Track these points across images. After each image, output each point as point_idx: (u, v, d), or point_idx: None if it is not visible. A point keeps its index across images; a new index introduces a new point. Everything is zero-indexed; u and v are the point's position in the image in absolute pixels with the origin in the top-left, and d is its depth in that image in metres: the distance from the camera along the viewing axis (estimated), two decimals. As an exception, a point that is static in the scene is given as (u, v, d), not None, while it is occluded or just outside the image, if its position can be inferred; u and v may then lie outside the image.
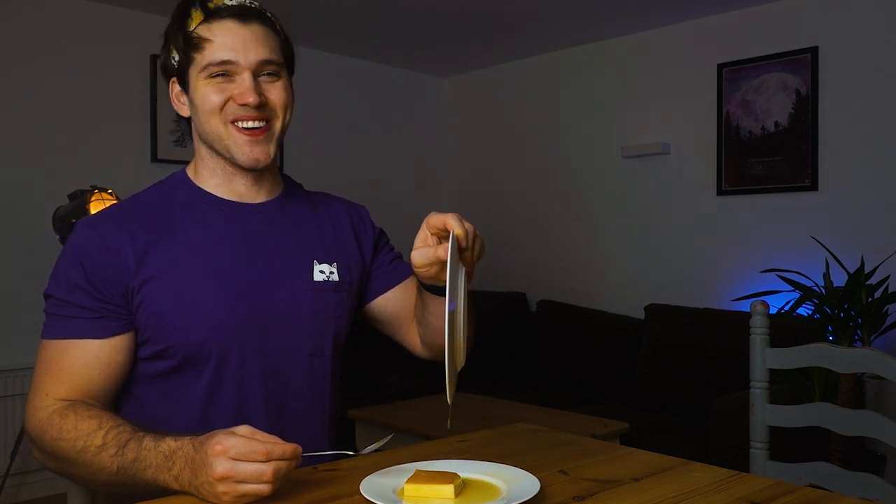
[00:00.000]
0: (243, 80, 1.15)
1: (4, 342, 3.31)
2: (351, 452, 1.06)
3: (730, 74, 3.71)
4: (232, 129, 1.16)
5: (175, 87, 1.21)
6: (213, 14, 1.15)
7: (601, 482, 1.01)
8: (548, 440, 1.26)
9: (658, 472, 1.07)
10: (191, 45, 1.15)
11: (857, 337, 2.81)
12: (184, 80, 1.18)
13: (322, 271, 1.24)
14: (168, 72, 1.20)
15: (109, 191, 2.87)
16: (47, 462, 1.10)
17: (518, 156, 4.67)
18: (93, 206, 2.77)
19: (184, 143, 3.80)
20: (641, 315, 3.83)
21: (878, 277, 2.81)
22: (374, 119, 4.72)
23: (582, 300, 4.21)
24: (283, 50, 1.20)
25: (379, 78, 4.75)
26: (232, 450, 0.89)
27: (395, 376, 3.85)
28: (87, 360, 1.11)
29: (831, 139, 3.40)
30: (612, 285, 4.18)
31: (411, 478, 0.94)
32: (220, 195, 1.23)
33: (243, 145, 1.17)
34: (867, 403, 2.79)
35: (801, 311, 2.85)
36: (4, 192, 3.33)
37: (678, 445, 2.81)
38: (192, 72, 1.16)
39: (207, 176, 1.23)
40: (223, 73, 1.15)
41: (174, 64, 1.18)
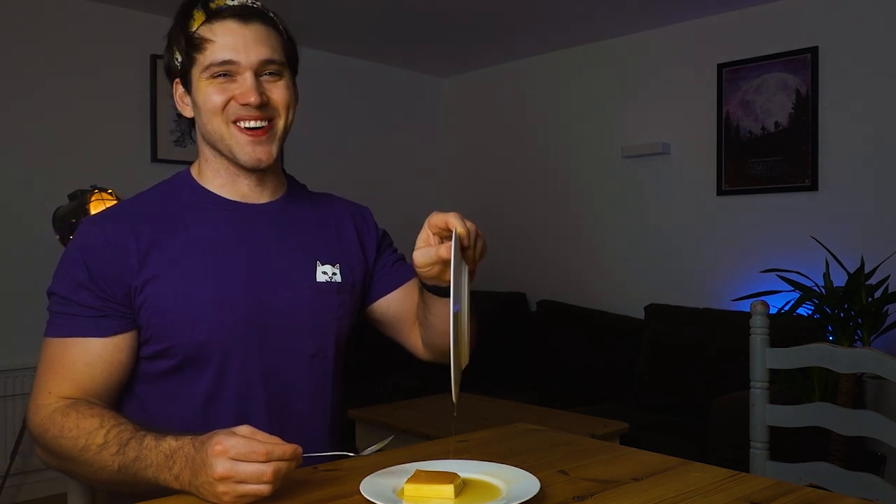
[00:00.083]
0: (245, 80, 1.15)
1: (4, 342, 3.31)
2: (351, 453, 1.06)
3: (730, 74, 3.71)
4: (234, 129, 1.17)
5: (179, 88, 1.21)
6: (215, 14, 1.15)
7: (601, 482, 1.01)
8: (548, 440, 1.26)
9: (658, 472, 1.07)
10: (193, 46, 1.15)
11: (857, 337, 2.81)
12: (187, 81, 1.19)
13: (325, 272, 1.24)
14: (171, 73, 1.21)
15: (109, 191, 2.87)
16: (49, 460, 1.10)
17: (518, 156, 4.67)
18: (93, 206, 2.77)
19: (184, 143, 3.80)
20: (641, 315, 3.83)
21: (878, 277, 2.81)
22: (374, 119, 4.71)
23: (582, 300, 4.21)
24: (285, 49, 1.20)
25: (379, 78, 4.75)
26: (232, 450, 0.89)
27: (395, 376, 3.85)
28: (89, 358, 1.11)
29: (831, 139, 3.40)
30: (612, 285, 4.17)
31: (411, 478, 0.94)
32: (223, 195, 1.23)
33: (245, 145, 1.17)
34: (867, 403, 2.79)
35: (801, 311, 2.85)
36: (4, 192, 3.33)
37: (678, 445, 2.81)
38: (195, 72, 1.16)
39: (211, 176, 1.23)
40: (225, 73, 1.15)
41: (177, 65, 1.19)
